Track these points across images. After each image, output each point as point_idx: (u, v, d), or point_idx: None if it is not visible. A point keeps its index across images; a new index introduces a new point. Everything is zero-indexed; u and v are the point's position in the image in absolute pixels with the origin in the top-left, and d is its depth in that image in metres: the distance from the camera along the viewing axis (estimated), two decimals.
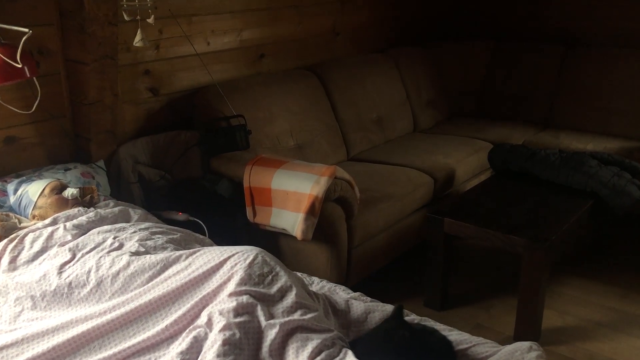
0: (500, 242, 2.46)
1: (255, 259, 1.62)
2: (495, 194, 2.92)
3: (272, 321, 1.47)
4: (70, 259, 1.79)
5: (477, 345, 1.63)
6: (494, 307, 2.77)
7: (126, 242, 1.86)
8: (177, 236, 1.99)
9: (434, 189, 3.20)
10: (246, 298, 1.51)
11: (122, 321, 1.57)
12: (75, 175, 2.32)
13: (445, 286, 2.74)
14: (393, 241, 2.92)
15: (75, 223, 1.97)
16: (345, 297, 1.87)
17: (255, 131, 2.99)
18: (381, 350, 1.44)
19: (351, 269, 2.68)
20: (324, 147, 3.39)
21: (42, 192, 2.09)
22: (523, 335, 2.49)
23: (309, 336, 1.46)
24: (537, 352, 1.54)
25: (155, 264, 1.69)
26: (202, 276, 1.60)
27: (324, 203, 2.46)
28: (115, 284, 1.68)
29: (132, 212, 2.16)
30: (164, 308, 1.58)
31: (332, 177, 2.45)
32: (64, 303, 1.69)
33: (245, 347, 1.44)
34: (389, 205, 2.85)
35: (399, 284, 2.99)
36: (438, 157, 3.43)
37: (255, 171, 2.59)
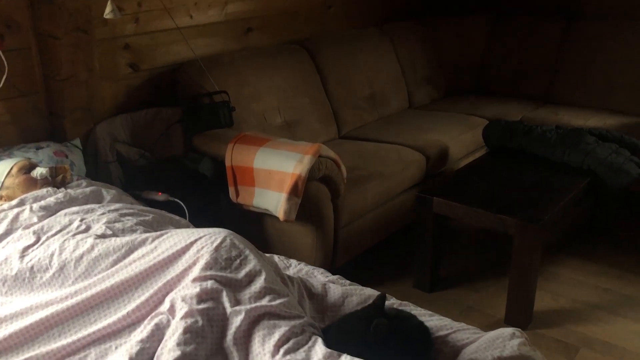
0: (490, 223, 2.37)
1: (223, 242, 1.53)
2: (488, 173, 2.82)
3: (237, 307, 1.39)
4: (34, 242, 1.71)
5: (458, 332, 1.54)
6: (486, 289, 2.69)
7: (93, 224, 1.77)
8: (149, 218, 1.91)
9: (425, 168, 3.10)
10: (211, 283, 1.42)
11: (82, 307, 1.49)
12: (47, 154, 2.23)
13: (435, 268, 2.66)
14: (382, 221, 2.83)
15: (42, 204, 1.88)
16: (322, 280, 1.78)
17: (241, 108, 2.88)
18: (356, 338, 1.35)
19: (338, 250, 2.60)
20: (314, 124, 3.29)
21: (9, 172, 2.00)
22: (514, 318, 2.41)
23: (277, 323, 1.38)
24: (519, 339, 1.45)
25: (120, 247, 1.61)
26: (167, 260, 1.52)
27: (308, 182, 2.37)
28: (78, 268, 1.60)
29: (105, 192, 2.08)
30: (127, 293, 1.50)
31: (316, 155, 2.35)
32: (26, 288, 1.61)
33: (209, 335, 1.36)
34: (377, 185, 2.76)
35: (389, 265, 2.91)
36: (431, 134, 3.32)
37: (237, 150, 2.49)
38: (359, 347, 1.33)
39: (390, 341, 1.35)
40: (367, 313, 1.40)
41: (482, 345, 1.44)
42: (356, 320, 1.40)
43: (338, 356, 1.31)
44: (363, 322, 1.36)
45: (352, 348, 1.33)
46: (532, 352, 1.43)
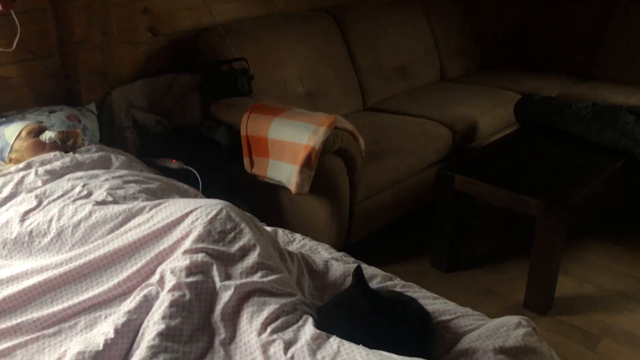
0: (513, 203, 2.25)
1: (218, 214, 1.48)
2: (516, 150, 2.68)
3: (227, 282, 1.34)
4: (35, 206, 1.69)
5: (462, 317, 1.46)
6: (506, 272, 2.58)
7: (95, 190, 1.75)
8: (154, 186, 1.87)
9: (452, 143, 2.99)
10: (201, 256, 1.38)
11: (76, 274, 1.47)
12: (60, 118, 2.22)
13: (455, 247, 2.57)
14: (402, 198, 2.74)
15: (48, 168, 1.87)
16: (326, 257, 1.72)
17: (261, 77, 2.81)
18: (343, 320, 1.29)
19: (353, 225, 2.53)
20: (337, 95, 3.19)
21: (18, 135, 1.99)
22: (533, 303, 2.31)
23: (267, 300, 1.33)
24: (525, 328, 1.36)
25: (118, 215, 1.58)
26: (162, 230, 1.48)
27: (323, 155, 2.29)
28: (75, 234, 1.57)
29: (114, 158, 2.05)
30: (120, 263, 1.47)
31: (331, 127, 2.27)
32: (25, 252, 1.60)
33: (196, 309, 1.32)
34: (398, 160, 2.66)
35: (407, 243, 2.82)
36: (461, 108, 3.19)
37: (252, 119, 2.43)
38: (347, 329, 1.26)
39: (380, 325, 1.28)
40: (353, 292, 1.33)
41: (485, 333, 1.35)
42: (343, 300, 1.33)
43: (327, 337, 1.25)
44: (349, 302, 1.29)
45: (341, 330, 1.27)
46: (538, 344, 1.34)
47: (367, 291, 1.32)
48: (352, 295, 1.32)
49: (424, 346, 1.33)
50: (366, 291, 1.32)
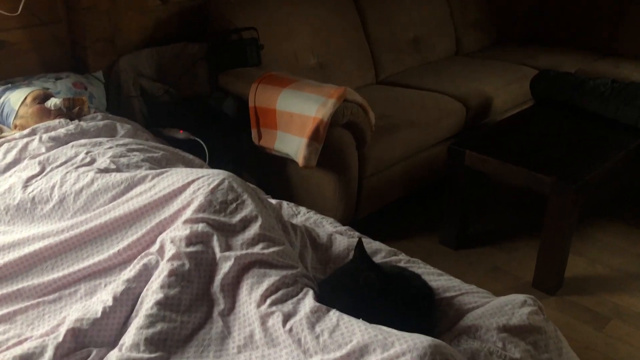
0: (524, 180, 2.20)
1: (220, 184, 1.45)
2: (530, 126, 2.62)
3: (227, 253, 1.32)
4: (38, 173, 1.68)
5: (467, 294, 1.43)
6: (516, 250, 2.54)
7: (99, 157, 1.73)
8: (159, 155, 1.85)
9: (465, 119, 2.92)
10: (202, 226, 1.35)
11: (77, 242, 1.46)
12: (66, 85, 2.19)
13: (464, 224, 2.53)
14: (412, 173, 2.69)
15: (52, 135, 1.85)
16: (330, 230, 1.69)
17: (271, 47, 2.76)
18: (345, 293, 1.27)
19: (361, 199, 2.50)
20: (349, 67, 3.13)
21: (24, 101, 1.97)
22: (542, 282, 2.27)
23: (267, 272, 1.31)
24: (531, 307, 1.33)
25: (120, 183, 1.56)
26: (163, 199, 1.46)
27: (332, 128, 2.25)
28: (77, 201, 1.56)
29: (120, 126, 2.03)
30: (121, 231, 1.45)
31: (340, 99, 2.22)
32: (27, 219, 1.59)
33: (195, 279, 1.30)
34: (409, 134, 2.61)
35: (416, 219, 2.78)
36: (475, 83, 3.12)
37: (261, 90, 2.39)
38: (349, 303, 1.24)
39: (384, 299, 1.25)
40: (356, 266, 1.31)
41: (489, 311, 1.32)
42: (345, 274, 1.31)
43: (327, 311, 1.23)
44: (351, 276, 1.26)
45: (342, 304, 1.25)
46: (544, 323, 1.31)
47: (372, 265, 1.29)
48: (355, 269, 1.29)
49: (426, 322, 1.31)
50: (371, 264, 1.29)
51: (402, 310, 1.27)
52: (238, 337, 1.23)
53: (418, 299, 1.31)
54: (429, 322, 1.32)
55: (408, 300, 1.28)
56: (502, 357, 1.22)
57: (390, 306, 1.25)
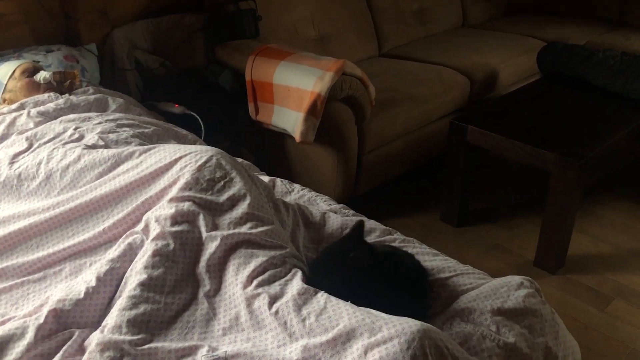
0: (527, 157, 2.14)
1: (208, 162, 1.41)
2: (535, 101, 2.54)
3: (213, 233, 1.28)
4: (25, 149, 1.64)
5: (462, 275, 1.39)
6: (518, 227, 2.49)
7: (87, 133, 1.69)
8: (149, 130, 1.80)
9: (470, 93, 2.85)
10: (187, 205, 1.31)
11: (62, 220, 1.42)
12: (57, 57, 2.14)
13: (465, 201, 2.48)
14: (414, 149, 2.64)
15: (41, 110, 1.81)
16: (324, 208, 1.65)
17: (269, 18, 2.69)
18: (333, 274, 1.23)
19: (361, 176, 2.45)
20: (352, 39, 3.05)
21: (12, 74, 1.92)
22: (544, 261, 2.23)
23: (255, 252, 1.27)
24: (528, 289, 1.29)
25: (107, 160, 1.52)
26: (149, 177, 1.42)
27: (329, 103, 2.19)
28: (64, 178, 1.52)
29: (111, 101, 1.98)
30: (106, 209, 1.41)
31: (339, 73, 2.16)
32: (14, 195, 1.56)
33: (180, 259, 1.26)
34: (410, 108, 2.55)
35: (417, 195, 2.74)
36: (481, 56, 3.03)
37: (258, 63, 2.33)
38: (337, 283, 1.20)
39: (373, 280, 1.21)
40: (345, 245, 1.26)
41: (483, 293, 1.28)
42: (334, 253, 1.27)
43: (314, 293, 1.19)
44: (340, 255, 1.22)
45: (330, 284, 1.21)
46: (540, 306, 1.27)
47: (362, 244, 1.25)
48: (344, 248, 1.25)
49: (418, 303, 1.27)
50: (361, 244, 1.25)
51: (393, 292, 1.23)
52: (223, 319, 1.20)
53: (410, 280, 1.27)
54: (420, 303, 1.28)
55: (399, 281, 1.24)
56: (495, 340, 1.18)
57: (379, 287, 1.21)
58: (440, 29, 3.52)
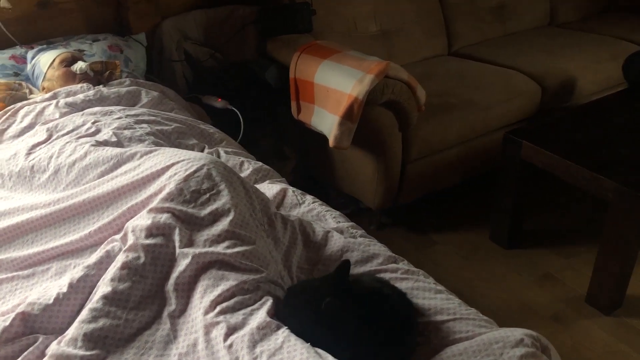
0: (584, 182, 1.90)
1: (197, 171, 1.34)
2: (610, 117, 2.26)
3: (186, 250, 1.22)
4: (44, 140, 1.66)
5: (460, 320, 1.23)
6: (575, 256, 2.24)
7: (104, 128, 1.68)
8: (170, 128, 1.77)
9: (540, 101, 2.60)
10: (165, 217, 1.26)
11: (57, 217, 1.41)
12: (101, 47, 2.16)
13: (518, 221, 2.26)
14: (468, 160, 2.44)
15: (69, 101, 1.83)
16: (331, 226, 1.54)
17: (326, 11, 2.58)
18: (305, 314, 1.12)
19: (404, 185, 2.30)
20: (417, 36, 2.87)
21: (52, 63, 1.96)
22: (597, 299, 1.99)
23: (225, 275, 1.19)
24: (527, 349, 1.12)
25: (109, 159, 1.50)
26: (141, 182, 1.37)
27: (370, 107, 2.07)
28: (70, 174, 1.52)
29: (144, 94, 1.97)
30: (98, 211, 1.39)
31: (380, 75, 2.02)
32: (26, 187, 1.58)
33: (150, 274, 1.21)
34: (466, 115, 2.35)
35: (468, 209, 2.54)
36: (560, 60, 2.75)
37: (302, 60, 2.23)
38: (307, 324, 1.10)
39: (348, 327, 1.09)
40: (324, 286, 1.15)
41: (473, 347, 1.13)
42: (309, 291, 1.16)
43: (276, 329, 1.10)
44: (316, 297, 1.11)
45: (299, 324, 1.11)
46: None
47: (344, 288, 1.13)
48: (323, 290, 1.13)
49: (398, 351, 1.14)
50: (343, 288, 1.13)
51: (370, 338, 1.11)
52: (182, 344, 1.14)
53: (392, 325, 1.13)
54: (401, 351, 1.15)
55: (378, 327, 1.11)
56: None
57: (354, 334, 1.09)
58: (522, 27, 3.24)
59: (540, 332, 1.88)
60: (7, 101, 1.90)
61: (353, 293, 1.14)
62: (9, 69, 2.03)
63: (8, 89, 1.93)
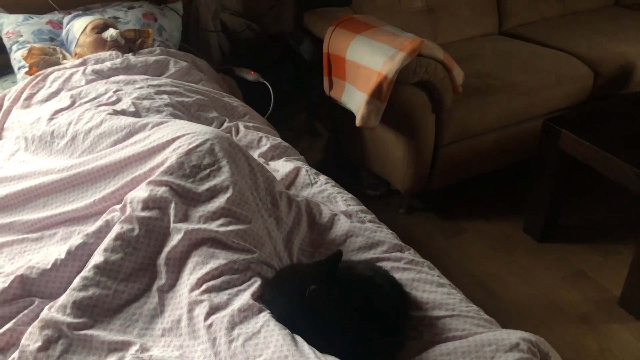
0: (625, 178, 1.77)
1: (200, 146, 1.32)
2: None
3: (179, 225, 1.21)
4: (67, 106, 1.68)
5: (458, 317, 1.18)
6: (612, 254, 2.11)
7: (124, 97, 1.69)
8: (191, 100, 1.76)
9: (592, 87, 2.43)
10: (162, 191, 1.25)
11: (68, 183, 1.43)
12: (136, 15, 2.17)
13: (553, 214, 2.15)
14: (506, 146, 2.32)
15: (96, 68, 1.84)
16: (341, 208, 1.49)
17: None
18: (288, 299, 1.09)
19: (436, 169, 2.22)
20: (465, 12, 2.74)
21: (84, 29, 1.98)
22: (630, 302, 1.87)
23: (217, 253, 1.18)
24: (521, 354, 1.05)
25: (122, 128, 1.50)
26: (147, 153, 1.37)
27: (400, 86, 1.99)
28: (85, 141, 1.54)
29: (173, 63, 1.96)
30: (105, 179, 1.40)
31: (412, 54, 1.93)
32: (46, 151, 1.62)
33: (143, 247, 1.21)
34: (507, 99, 2.23)
35: (503, 197, 2.43)
36: (618, 43, 2.56)
37: (336, 35, 2.17)
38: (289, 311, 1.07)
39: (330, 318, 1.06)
40: (311, 270, 1.11)
41: (463, 348, 1.07)
42: (296, 276, 1.13)
43: (257, 312, 1.08)
44: (300, 281, 1.08)
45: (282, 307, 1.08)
46: None
47: (332, 276, 1.09)
48: (310, 277, 1.09)
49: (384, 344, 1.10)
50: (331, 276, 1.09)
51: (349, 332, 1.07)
52: (167, 319, 1.14)
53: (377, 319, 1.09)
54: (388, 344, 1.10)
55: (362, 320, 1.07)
56: None
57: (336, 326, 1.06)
58: (584, 6, 3.04)
59: (564, 333, 1.80)
60: (40, 65, 1.94)
61: (342, 283, 1.10)
62: (46, 33, 2.07)
63: (42, 53, 1.97)
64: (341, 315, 1.07)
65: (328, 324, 1.06)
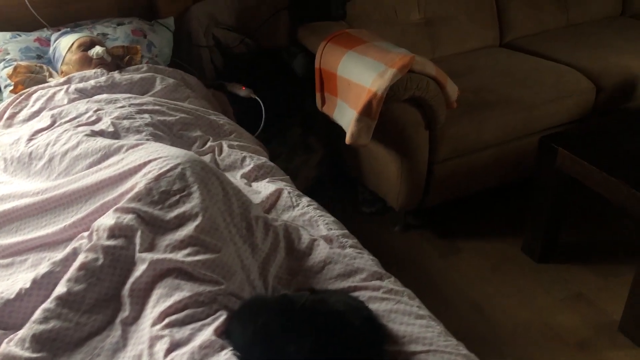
0: (622, 199, 1.69)
1: (171, 170, 1.28)
2: None
3: (144, 255, 1.16)
4: (47, 127, 1.66)
5: (434, 353, 1.12)
6: (613, 276, 2.03)
7: (104, 117, 1.65)
8: (174, 119, 1.73)
9: (594, 102, 2.36)
10: (129, 218, 1.21)
11: (41, 207, 1.40)
12: (125, 31, 2.14)
13: (552, 234, 2.07)
14: (504, 163, 2.26)
15: (79, 87, 1.82)
16: (322, 233, 1.44)
17: None
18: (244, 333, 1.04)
19: (431, 186, 2.16)
20: (465, 25, 2.68)
21: (70, 47, 1.96)
22: (630, 327, 1.79)
23: (181, 285, 1.13)
24: None
25: (98, 150, 1.47)
26: (119, 177, 1.33)
27: (391, 103, 1.94)
28: (62, 163, 1.51)
29: (159, 81, 1.93)
30: (77, 204, 1.36)
31: (403, 70, 1.88)
32: (24, 173, 1.59)
33: (107, 277, 1.17)
34: (504, 114, 2.17)
35: (501, 216, 2.36)
36: (623, 56, 2.48)
37: (327, 50, 2.12)
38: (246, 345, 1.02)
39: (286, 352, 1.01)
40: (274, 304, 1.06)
41: None
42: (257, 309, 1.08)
43: (219, 349, 1.03)
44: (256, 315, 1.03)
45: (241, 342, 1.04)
46: None
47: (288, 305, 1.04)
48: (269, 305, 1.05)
49: None
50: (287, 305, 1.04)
51: None
52: (129, 354, 1.09)
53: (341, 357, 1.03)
54: None
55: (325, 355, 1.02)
56: None
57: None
58: (588, 17, 2.96)
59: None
60: (26, 84, 1.92)
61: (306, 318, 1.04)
62: (33, 51, 2.05)
63: (28, 71, 1.95)
64: (298, 351, 1.01)
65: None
